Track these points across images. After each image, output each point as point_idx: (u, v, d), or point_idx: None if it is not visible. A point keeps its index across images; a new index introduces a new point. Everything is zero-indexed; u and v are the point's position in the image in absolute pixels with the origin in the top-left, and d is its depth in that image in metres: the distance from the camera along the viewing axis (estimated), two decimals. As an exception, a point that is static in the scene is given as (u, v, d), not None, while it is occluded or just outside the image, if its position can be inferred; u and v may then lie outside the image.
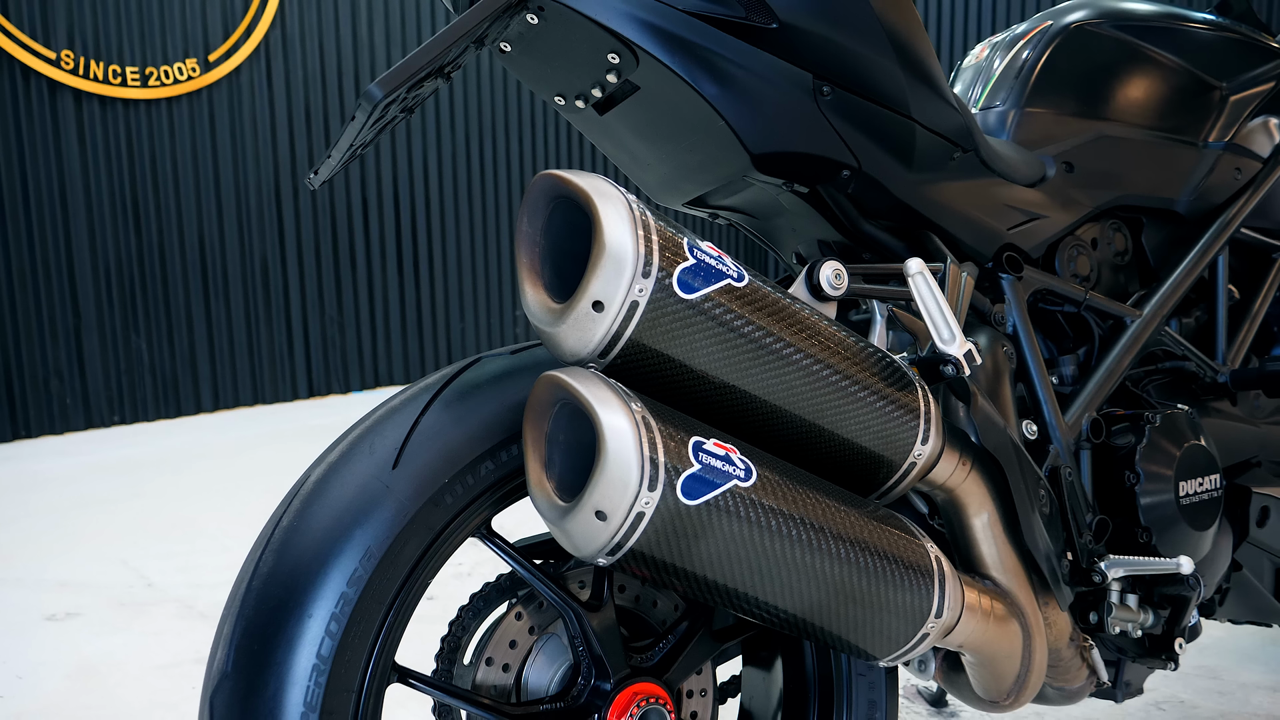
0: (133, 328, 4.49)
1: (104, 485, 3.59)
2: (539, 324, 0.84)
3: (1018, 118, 1.35)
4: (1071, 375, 1.29)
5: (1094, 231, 1.35)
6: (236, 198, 4.71)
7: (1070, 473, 1.15)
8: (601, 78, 1.04)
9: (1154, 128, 1.39)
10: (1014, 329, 1.20)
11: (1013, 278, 1.21)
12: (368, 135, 1.00)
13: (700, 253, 0.82)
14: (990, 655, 1.01)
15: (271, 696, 0.78)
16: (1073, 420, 1.20)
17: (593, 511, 0.77)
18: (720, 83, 1.02)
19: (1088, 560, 1.12)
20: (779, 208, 1.18)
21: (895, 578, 0.88)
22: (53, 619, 2.36)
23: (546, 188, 0.83)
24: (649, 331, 0.80)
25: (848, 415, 0.89)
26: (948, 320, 0.92)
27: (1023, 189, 1.26)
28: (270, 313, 4.89)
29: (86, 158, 4.28)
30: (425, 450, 0.86)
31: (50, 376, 4.28)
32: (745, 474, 0.82)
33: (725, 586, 0.84)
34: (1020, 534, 1.04)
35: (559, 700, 0.94)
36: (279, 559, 0.82)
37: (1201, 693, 1.86)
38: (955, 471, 0.99)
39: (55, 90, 4.17)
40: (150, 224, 4.48)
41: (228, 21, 4.57)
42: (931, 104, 1.11)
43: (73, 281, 4.31)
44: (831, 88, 1.05)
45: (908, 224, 1.16)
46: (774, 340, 0.85)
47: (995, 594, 1.02)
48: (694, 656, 0.99)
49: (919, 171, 1.14)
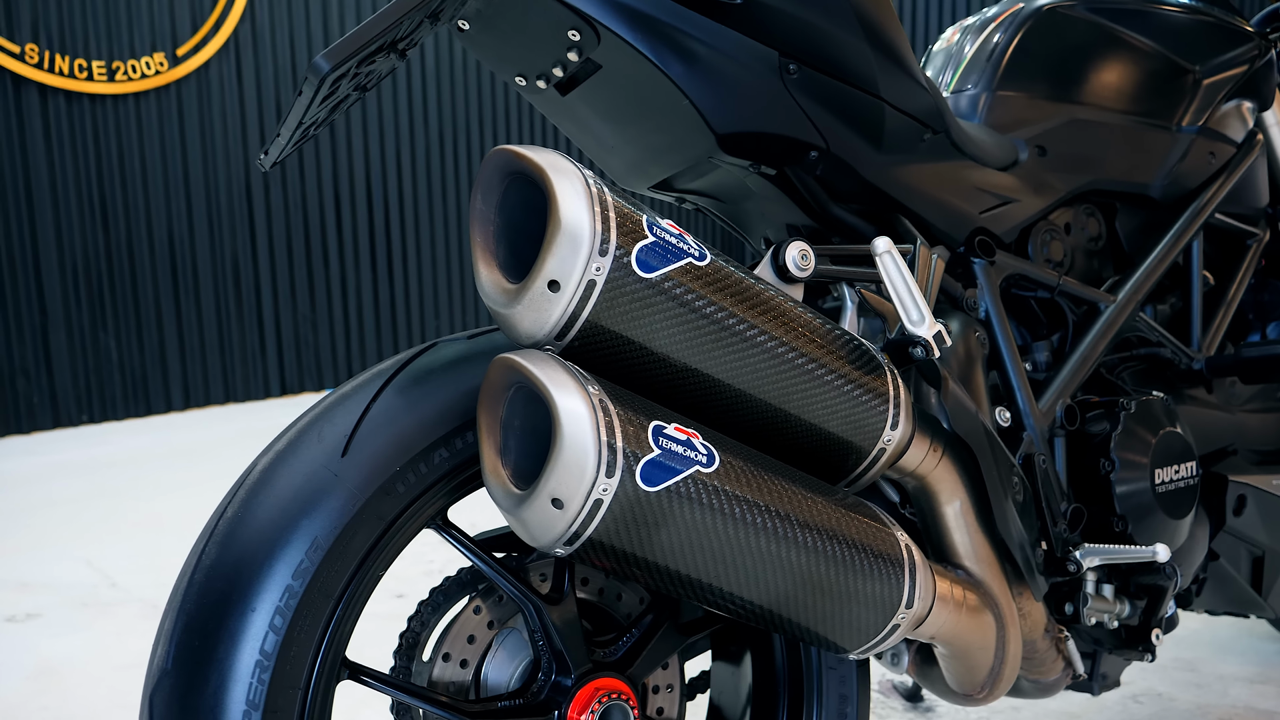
0: (101, 325, 4.41)
1: (71, 485, 3.52)
2: (494, 305, 0.81)
3: (989, 101, 1.33)
4: (1045, 362, 1.27)
5: (1067, 216, 1.33)
6: (206, 194, 4.64)
7: (1044, 460, 1.13)
8: (562, 56, 1.01)
9: (1127, 111, 1.37)
10: (986, 314, 1.17)
11: (985, 262, 1.18)
12: (320, 114, 0.96)
13: (660, 230, 0.80)
14: (963, 647, 0.99)
15: (213, 694, 0.75)
16: (1046, 407, 1.18)
17: (549, 499, 0.74)
18: (684, 61, 0.99)
19: (1062, 549, 1.10)
20: (747, 191, 1.15)
21: (864, 567, 0.86)
22: (12, 620, 2.31)
23: (500, 163, 0.80)
24: (607, 312, 0.77)
25: (814, 399, 0.87)
26: (916, 301, 0.89)
27: (995, 172, 1.24)
28: (241, 310, 4.82)
29: (53, 153, 4.20)
30: (376, 437, 0.82)
31: (17, 375, 4.20)
32: (708, 460, 0.79)
33: (689, 577, 0.81)
34: (993, 522, 1.02)
35: (518, 697, 0.90)
36: (222, 551, 0.79)
37: (1179, 685, 1.85)
38: (926, 458, 0.97)
39: (20, 85, 4.09)
40: (119, 220, 4.41)
41: (196, 15, 4.50)
42: (901, 84, 1.08)
43: (39, 279, 4.23)
44: (798, 66, 1.02)
45: (878, 207, 1.14)
46: (737, 322, 0.82)
47: (968, 584, 1.00)
48: (659, 651, 0.96)
49: (889, 153, 1.11)
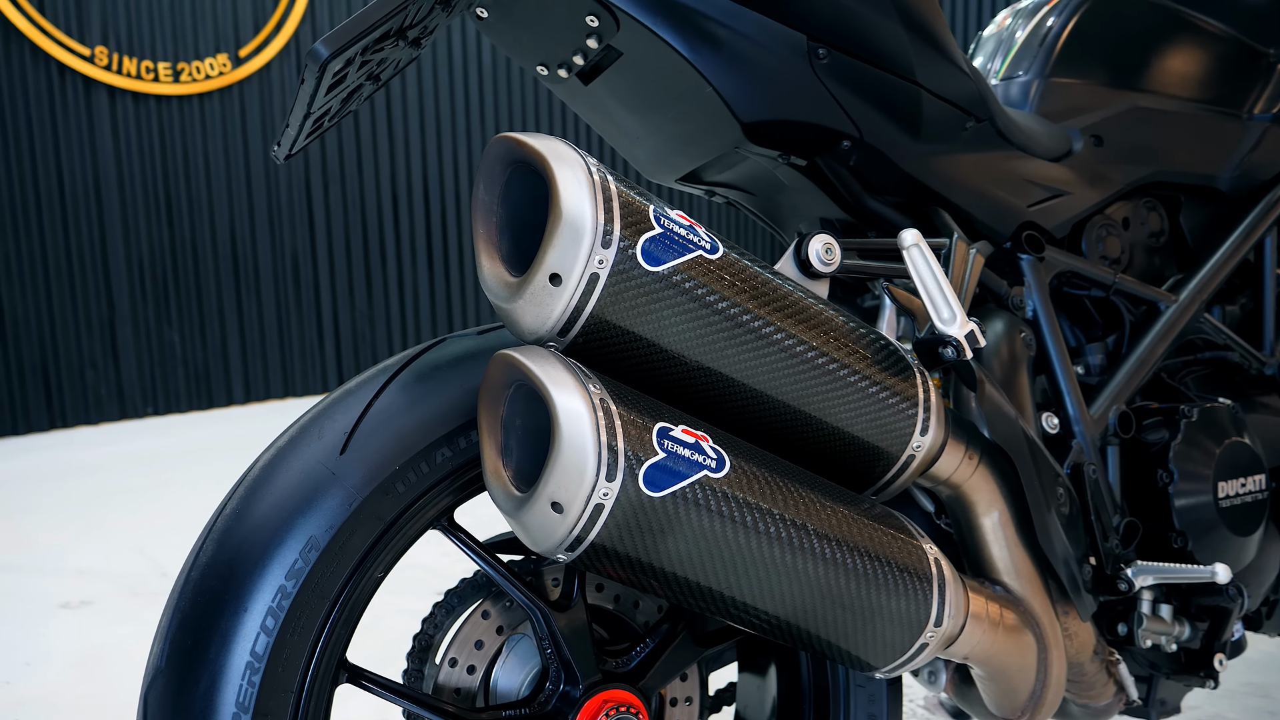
0: (166, 320, 4.52)
1: (131, 475, 3.62)
2: (496, 300, 0.77)
3: (1041, 88, 1.26)
4: (1099, 365, 1.19)
5: (1126, 210, 1.25)
6: (267, 192, 4.73)
7: (1094, 470, 1.06)
8: (582, 43, 0.98)
9: (1194, 98, 1.28)
10: (1034, 313, 1.11)
11: (1033, 258, 1.12)
12: (332, 104, 0.94)
13: (668, 221, 0.75)
14: (1000, 668, 0.93)
15: (203, 695, 0.73)
16: (1099, 413, 1.11)
17: (548, 503, 0.71)
18: (706, 46, 0.94)
19: (1113, 566, 1.03)
20: (778, 183, 1.10)
21: (888, 581, 0.81)
22: (66, 606, 2.36)
23: (502, 152, 0.77)
24: (612, 306, 0.74)
25: (836, 402, 0.81)
26: (947, 298, 0.83)
27: (1046, 163, 1.17)
28: (301, 306, 4.91)
29: (120, 153, 4.32)
30: (376, 435, 0.80)
31: (85, 368, 4.33)
32: (717, 464, 0.74)
33: (700, 587, 0.77)
34: (1035, 536, 0.96)
35: (525, 706, 0.87)
36: (218, 549, 0.77)
37: (1251, 712, 1.74)
38: (961, 466, 0.91)
39: (90, 87, 4.21)
40: (183, 218, 4.52)
41: (258, 17, 4.59)
42: (940, 69, 1.02)
43: (107, 275, 4.35)
44: (828, 50, 0.97)
45: (916, 200, 1.08)
46: (752, 318, 0.77)
47: (1006, 602, 0.94)
48: (673, 662, 0.92)
49: (928, 142, 1.05)
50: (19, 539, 2.90)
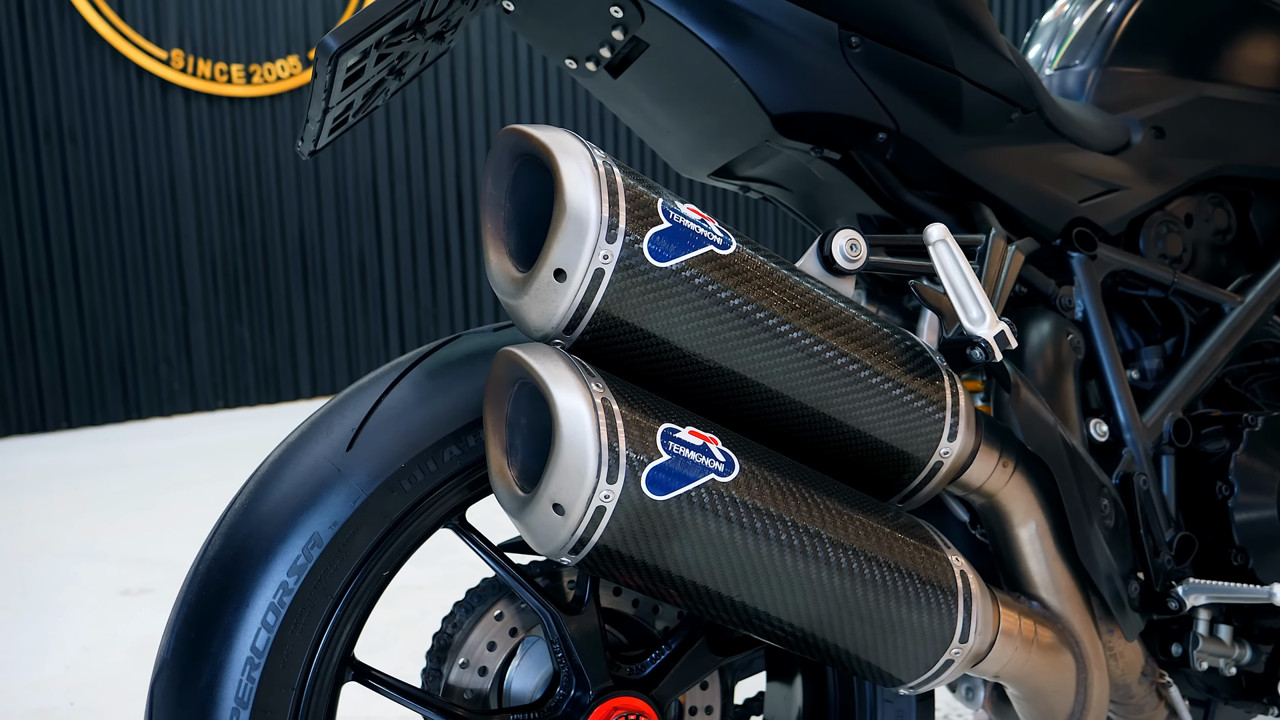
0: (236, 317, 4.65)
1: (199, 466, 3.72)
2: (503, 296, 0.76)
3: (1099, 78, 1.19)
4: (1156, 370, 1.13)
5: (1189, 206, 1.18)
6: (335, 191, 4.83)
7: (1145, 480, 1.00)
8: (607, 35, 0.96)
9: (1267, 88, 1.21)
10: (1084, 314, 1.05)
11: (1084, 256, 1.06)
12: (354, 98, 0.94)
13: (678, 215, 0.73)
14: (1035, 688, 0.88)
15: (204, 688, 0.73)
16: (1153, 420, 1.04)
17: (550, 504, 0.69)
18: (733, 35, 0.91)
19: (1163, 583, 0.97)
20: (812, 178, 1.06)
21: (908, 594, 0.77)
22: (126, 593, 2.44)
23: (510, 144, 0.75)
24: (619, 303, 0.71)
25: (857, 404, 0.78)
26: (976, 296, 0.79)
27: (1100, 156, 1.11)
28: (367, 303, 5.00)
29: (195, 154, 4.46)
30: (383, 432, 0.79)
31: (160, 362, 4.48)
32: (726, 468, 0.72)
33: (710, 593, 0.74)
34: (1075, 549, 0.90)
35: (534, 710, 0.85)
36: (225, 543, 0.77)
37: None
38: (994, 474, 0.86)
39: (166, 89, 4.35)
40: (253, 217, 4.64)
41: (328, 19, 4.68)
42: (981, 56, 0.98)
43: (181, 272, 4.49)
44: (861, 38, 0.93)
45: (958, 194, 1.03)
46: (766, 315, 0.74)
47: (1043, 618, 0.89)
48: (690, 670, 0.89)
49: (969, 134, 1.01)
50: (86, 526, 3.01)
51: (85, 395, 4.30)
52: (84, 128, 4.19)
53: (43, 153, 4.10)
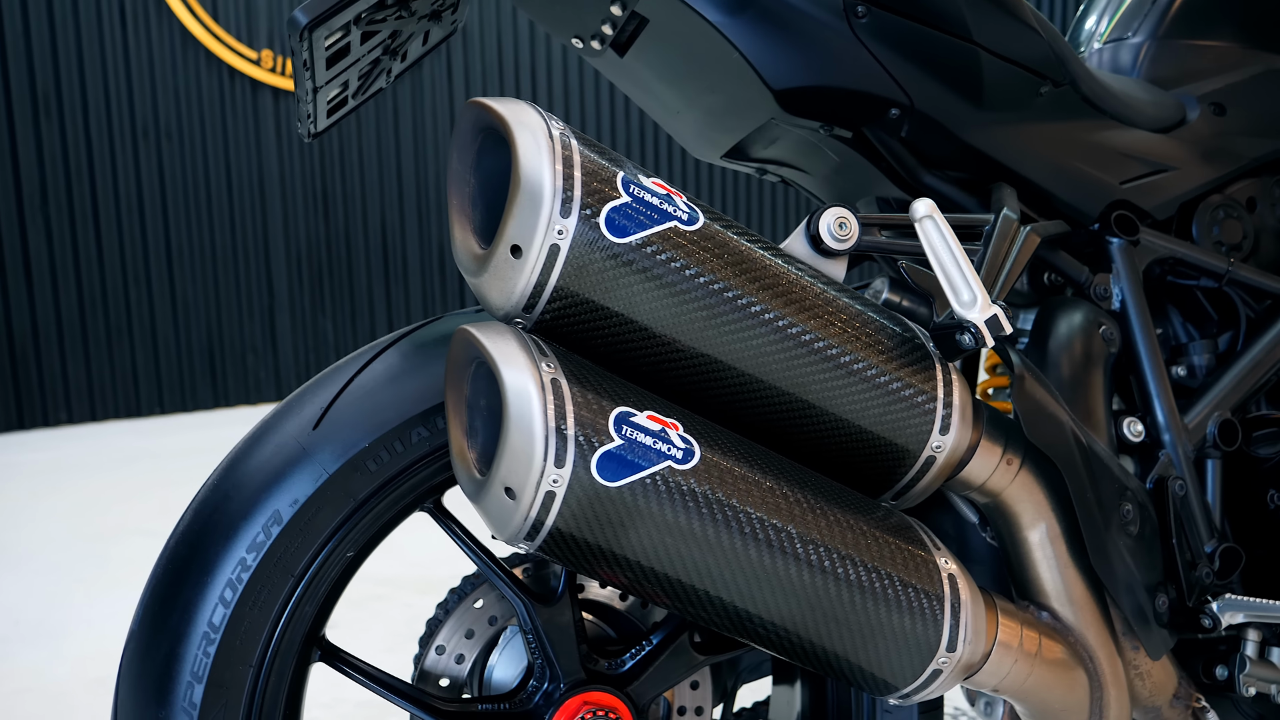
0: (320, 308, 4.80)
1: (278, 454, 3.84)
2: (467, 274, 0.74)
3: (1151, 50, 1.10)
4: (1205, 366, 1.03)
5: (1252, 189, 1.08)
6: (416, 187, 4.93)
7: (1182, 485, 0.91)
8: (606, 11, 0.93)
9: (1345, 60, 1.09)
10: (1122, 304, 0.97)
11: (1124, 242, 0.98)
12: (351, 79, 0.93)
13: (639, 189, 0.69)
14: (1040, 706, 0.81)
15: (163, 661, 0.73)
16: (1196, 421, 0.96)
17: (502, 487, 0.67)
18: (732, 7, 0.87)
19: (1196, 598, 0.88)
20: (827, 158, 1.01)
21: (885, 596, 0.71)
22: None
23: (473, 118, 0.73)
24: (577, 280, 0.68)
25: (835, 392, 0.73)
26: (967, 277, 0.73)
27: (1147, 135, 1.03)
28: (445, 297, 5.09)
29: (282, 151, 4.61)
30: (351, 411, 0.78)
31: (247, 352, 4.65)
32: (685, 455, 0.68)
33: (674, 587, 0.70)
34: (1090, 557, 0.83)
35: (506, 701, 0.83)
36: (193, 519, 0.78)
37: None
38: (998, 471, 0.80)
39: (256, 89, 4.52)
40: (337, 212, 4.77)
41: (412, 18, 4.78)
42: (1002, 25, 0.91)
43: (268, 265, 4.66)
44: (868, 7, 0.88)
45: (982, 174, 0.97)
46: (735, 294, 0.70)
47: (1051, 631, 0.82)
48: (670, 668, 0.86)
49: (992, 109, 0.94)
50: (164, 508, 3.13)
51: (177, 383, 4.50)
52: (179, 126, 4.38)
53: (140, 151, 4.31)
